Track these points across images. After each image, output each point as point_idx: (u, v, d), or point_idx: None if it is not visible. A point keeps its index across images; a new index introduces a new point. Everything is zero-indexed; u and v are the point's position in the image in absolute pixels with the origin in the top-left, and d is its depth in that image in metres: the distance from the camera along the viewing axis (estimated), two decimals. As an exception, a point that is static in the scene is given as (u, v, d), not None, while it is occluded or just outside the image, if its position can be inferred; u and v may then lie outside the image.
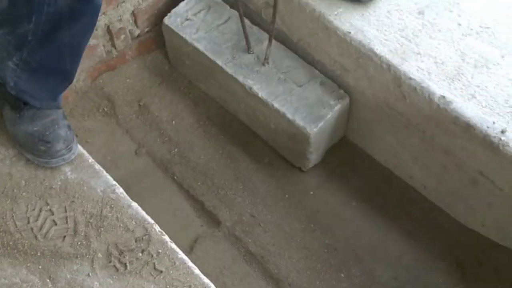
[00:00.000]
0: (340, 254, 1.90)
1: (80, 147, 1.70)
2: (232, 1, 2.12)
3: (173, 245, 1.53)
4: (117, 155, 2.11)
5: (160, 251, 1.50)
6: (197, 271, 1.48)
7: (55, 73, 1.59)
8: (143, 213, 1.58)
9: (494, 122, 1.64)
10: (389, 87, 1.81)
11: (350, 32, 1.83)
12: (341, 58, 1.90)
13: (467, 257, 1.86)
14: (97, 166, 1.66)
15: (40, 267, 1.47)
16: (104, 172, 1.66)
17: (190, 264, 1.49)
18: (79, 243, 1.51)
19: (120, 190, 1.62)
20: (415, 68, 1.76)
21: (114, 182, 1.64)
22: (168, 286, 1.45)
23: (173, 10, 2.16)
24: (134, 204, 1.60)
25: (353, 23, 1.84)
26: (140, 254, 1.50)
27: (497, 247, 1.82)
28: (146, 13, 2.20)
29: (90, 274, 1.46)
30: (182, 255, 1.51)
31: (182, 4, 2.17)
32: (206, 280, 1.47)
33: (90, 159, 1.68)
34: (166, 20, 2.14)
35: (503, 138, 1.61)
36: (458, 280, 1.82)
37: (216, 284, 1.49)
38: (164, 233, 1.55)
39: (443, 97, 1.70)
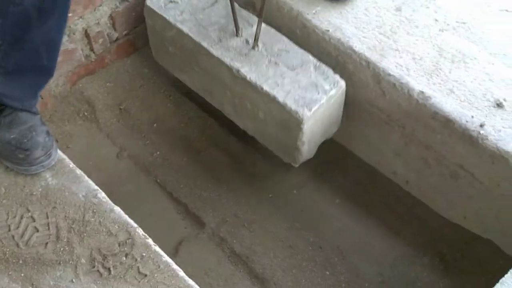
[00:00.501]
0: (325, 252, 1.90)
1: (60, 153, 1.68)
2: None
3: (157, 248, 1.52)
4: (99, 159, 2.10)
5: (144, 254, 1.50)
6: (181, 273, 1.47)
7: (32, 71, 1.55)
8: (126, 217, 1.57)
9: (472, 116, 1.66)
10: (369, 84, 1.82)
11: (328, 30, 1.84)
12: (320, 56, 1.90)
13: (450, 250, 1.88)
14: (78, 171, 1.65)
15: (22, 275, 1.45)
16: (86, 177, 1.64)
17: (175, 266, 1.48)
18: (61, 249, 1.49)
19: (102, 194, 1.61)
20: (393, 65, 1.77)
21: (96, 187, 1.62)
22: (152, 290, 1.44)
23: None
24: (117, 208, 1.58)
25: (331, 21, 1.85)
26: (124, 258, 1.49)
27: (479, 239, 1.84)
28: (124, 16, 2.19)
29: (74, 280, 1.45)
30: (166, 258, 1.50)
31: None
32: (191, 282, 1.46)
33: (71, 164, 1.67)
34: (149, 1, 2.01)
35: (481, 131, 1.63)
36: (442, 274, 1.84)
37: (202, 286, 1.48)
38: (147, 236, 1.54)
39: (422, 92, 1.71)
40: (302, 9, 1.88)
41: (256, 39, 1.84)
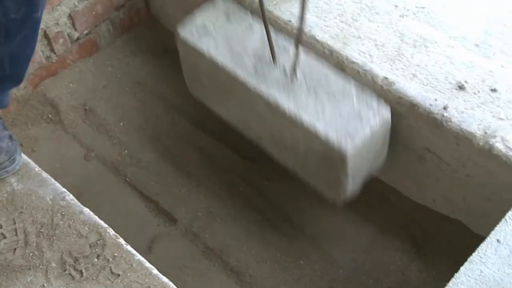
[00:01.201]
0: (298, 242, 1.91)
1: (25, 157, 1.66)
2: (254, 7, 1.89)
3: (129, 247, 1.51)
4: (66, 161, 2.07)
5: (116, 254, 1.48)
6: (155, 271, 1.47)
7: None
8: (96, 218, 1.56)
9: (436, 99, 1.68)
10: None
11: (290, 21, 1.84)
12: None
13: (422, 233, 1.91)
14: (45, 174, 1.63)
15: (-9, 282, 1.43)
16: (52, 180, 1.62)
17: (148, 264, 1.48)
18: (31, 254, 1.47)
19: (70, 196, 1.59)
20: (356, 52, 1.78)
21: (64, 189, 1.60)
22: (126, 289, 1.43)
23: (188, 20, 1.91)
24: (86, 210, 1.57)
25: (293, 12, 1.85)
26: (96, 260, 1.48)
27: (448, 220, 1.87)
28: (84, 15, 2.16)
29: (45, 285, 1.43)
30: (139, 256, 1.49)
31: (198, 13, 1.92)
32: (165, 279, 1.46)
33: (37, 168, 1.64)
34: (181, 32, 1.88)
35: (445, 114, 1.65)
36: (414, 256, 1.86)
37: (177, 283, 1.48)
38: (119, 236, 1.53)
39: (386, 78, 1.73)
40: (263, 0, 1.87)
41: (293, 68, 1.76)
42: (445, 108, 1.66)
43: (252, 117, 1.87)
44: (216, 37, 1.85)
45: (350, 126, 1.64)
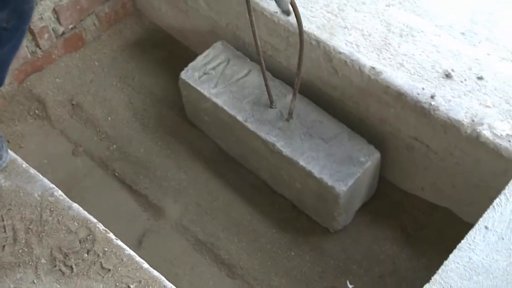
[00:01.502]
0: (289, 233, 1.91)
1: (12, 153, 1.65)
2: (253, 54, 1.95)
3: (119, 242, 1.50)
4: (54, 157, 2.06)
5: (106, 249, 1.48)
6: (145, 265, 1.47)
7: None
8: (85, 213, 1.55)
9: (423, 88, 1.68)
10: (321, 63, 1.83)
11: (276, 12, 1.84)
12: (270, 38, 1.90)
13: (411, 222, 1.91)
14: (32, 171, 1.62)
15: (-20, 280, 1.42)
16: (40, 176, 1.62)
17: (138, 259, 1.48)
18: (20, 251, 1.47)
19: (58, 192, 1.58)
20: (343, 42, 1.78)
21: (52, 185, 1.60)
22: (117, 284, 1.43)
23: (190, 64, 2.00)
24: (75, 205, 1.56)
25: (279, 3, 1.84)
26: (86, 255, 1.47)
27: (437, 208, 1.88)
28: (69, 10, 2.14)
29: (35, 281, 1.42)
30: (129, 251, 1.49)
31: (199, 58, 2.01)
32: (155, 273, 1.46)
33: (24, 164, 1.63)
34: (183, 74, 1.98)
35: (433, 103, 1.66)
36: (404, 245, 1.87)
37: (168, 276, 1.48)
38: (108, 231, 1.52)
39: (373, 68, 1.73)
40: (249, -8, 1.87)
41: (290, 113, 1.84)
42: (432, 97, 1.66)
43: (251, 154, 1.96)
44: (217, 81, 1.96)
45: (343, 170, 1.75)
